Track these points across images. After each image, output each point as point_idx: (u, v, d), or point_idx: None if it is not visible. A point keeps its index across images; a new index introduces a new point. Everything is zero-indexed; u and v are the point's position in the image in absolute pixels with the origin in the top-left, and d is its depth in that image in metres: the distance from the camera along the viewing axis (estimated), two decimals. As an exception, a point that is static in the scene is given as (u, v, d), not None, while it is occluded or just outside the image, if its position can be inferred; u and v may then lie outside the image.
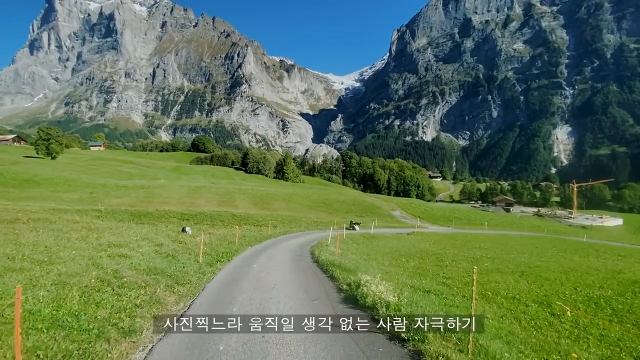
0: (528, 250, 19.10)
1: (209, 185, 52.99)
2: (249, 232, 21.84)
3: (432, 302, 6.13)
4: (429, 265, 10.86)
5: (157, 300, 6.63)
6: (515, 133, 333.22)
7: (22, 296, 5.19)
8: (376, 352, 4.89)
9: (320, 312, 6.69)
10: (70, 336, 4.43)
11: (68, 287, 6.28)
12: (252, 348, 4.98)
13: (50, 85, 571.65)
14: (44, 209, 19.06)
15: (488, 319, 5.77)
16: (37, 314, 4.95)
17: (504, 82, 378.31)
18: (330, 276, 9.83)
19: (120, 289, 6.67)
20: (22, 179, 33.99)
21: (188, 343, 5.05)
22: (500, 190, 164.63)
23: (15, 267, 7.44)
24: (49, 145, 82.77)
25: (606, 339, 5.86)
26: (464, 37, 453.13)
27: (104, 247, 10.85)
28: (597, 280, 10.40)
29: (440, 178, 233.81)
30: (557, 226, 75.85)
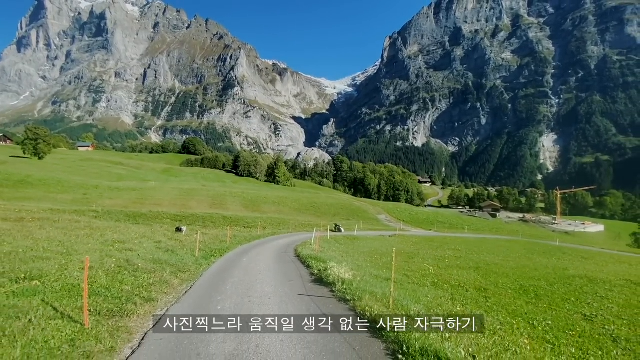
0: (495, 252, 20.27)
1: (200, 188, 53.17)
2: (240, 233, 22.52)
3: (380, 282, 7.51)
4: (398, 262, 11.83)
5: (166, 282, 8.07)
6: (503, 140, 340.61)
7: (60, 273, 6.82)
8: (328, 307, 6.98)
9: (293, 288, 8.70)
10: (107, 301, 5.97)
11: (94, 270, 7.55)
12: (241, 306, 6.92)
13: (38, 84, 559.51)
14: (42, 209, 19.32)
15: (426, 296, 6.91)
16: (78, 287, 6.42)
17: (493, 90, 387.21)
18: (306, 265, 11.60)
19: (136, 273, 8.08)
20: (16, 180, 33.75)
21: (193, 304, 6.76)
22: (487, 196, 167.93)
23: (43, 257, 8.52)
24: (37, 145, 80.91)
25: (504, 304, 7.18)
26: (454, 46, 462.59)
27: (110, 242, 11.57)
28: (540, 275, 11.62)
29: (429, 183, 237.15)
30: (540, 231, 78.09)
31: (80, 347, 3.89)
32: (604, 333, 5.78)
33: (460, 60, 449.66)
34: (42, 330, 4.10)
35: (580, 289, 9.57)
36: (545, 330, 5.64)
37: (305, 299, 7.55)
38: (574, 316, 6.68)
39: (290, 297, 7.70)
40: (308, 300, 7.49)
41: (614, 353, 4.83)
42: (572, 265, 15.51)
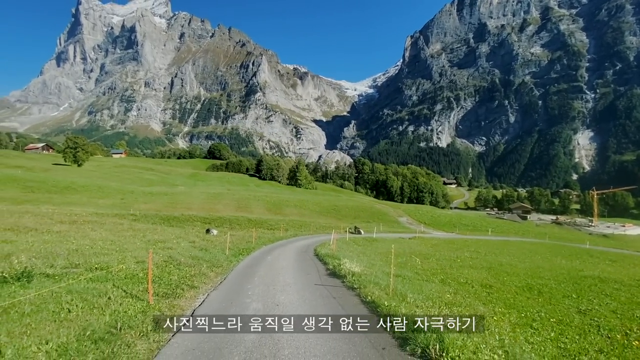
0: (515, 254, 20.08)
1: (226, 192, 55.57)
2: (264, 234, 23.90)
3: (388, 277, 8.58)
4: (414, 262, 12.49)
5: (204, 274, 9.50)
6: (534, 138, 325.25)
7: (121, 265, 8.40)
8: (337, 293, 8.29)
9: (310, 279, 10.10)
10: (161, 286, 7.30)
11: (146, 264, 8.88)
12: (267, 292, 8.17)
13: (75, 95, 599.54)
14: (89, 213, 21.64)
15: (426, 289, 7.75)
16: (137, 276, 7.95)
17: (521, 86, 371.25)
18: (323, 262, 12.96)
19: (179, 266, 9.55)
20: (62, 186, 37.35)
21: (228, 291, 8.26)
22: (517, 197, 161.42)
23: (102, 253, 10.13)
24: (76, 153, 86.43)
25: (503, 299, 7.78)
26: (479, 42, 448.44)
27: (153, 242, 13.18)
28: (551, 275, 11.76)
29: (455, 185, 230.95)
30: (574, 234, 74.44)
31: (146, 319, 5.10)
32: (591, 324, 6.22)
33: (486, 57, 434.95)
34: (120, 304, 5.44)
35: (588, 288, 9.79)
36: (533, 319, 6.21)
37: (319, 287, 9.02)
38: (569, 310, 7.15)
39: (307, 285, 9.19)
40: (322, 288, 8.95)
41: (590, 338, 5.36)
42: (591, 267, 15.37)
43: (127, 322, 4.79)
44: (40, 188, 35.19)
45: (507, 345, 4.33)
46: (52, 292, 5.45)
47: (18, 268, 6.55)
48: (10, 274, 6.22)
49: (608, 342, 5.28)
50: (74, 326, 4.37)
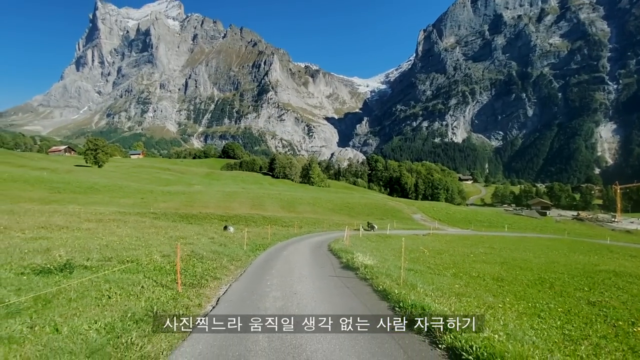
0: (531, 249, 19.82)
1: (241, 191, 56.67)
2: (278, 231, 24.51)
3: (399, 270, 9.01)
4: (426, 257, 12.68)
5: (225, 267, 10.20)
6: (554, 132, 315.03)
7: (149, 258, 9.08)
8: (352, 283, 8.85)
9: (325, 271, 10.69)
10: (187, 277, 7.90)
11: (171, 257, 9.73)
12: (284, 282, 8.77)
13: (94, 99, 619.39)
14: (112, 212, 22.81)
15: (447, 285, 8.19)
16: (164, 268, 8.60)
17: (540, 78, 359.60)
18: (337, 257, 13.50)
19: (202, 260, 10.19)
20: (86, 187, 39.23)
21: (249, 282, 8.84)
22: (535, 192, 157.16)
23: (130, 247, 10.86)
24: (97, 155, 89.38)
25: (514, 291, 7.98)
26: (494, 34, 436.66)
27: (175, 238, 13.92)
28: (566, 269, 11.69)
29: (471, 181, 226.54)
30: (596, 230, 71.98)
31: (180, 302, 5.67)
32: (599, 314, 6.33)
33: (502, 49, 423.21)
34: (152, 292, 5.99)
35: (601, 282, 9.75)
36: (542, 309, 6.36)
37: (333, 278, 9.61)
38: (579, 301, 7.24)
39: (322, 277, 9.80)
40: (336, 279, 9.50)
41: (596, 327, 5.49)
42: (609, 262, 15.12)
43: (162, 306, 5.33)
44: (66, 189, 37.03)
45: (510, 329, 4.58)
46: (92, 281, 6.05)
47: (60, 261, 7.28)
48: (53, 265, 6.94)
49: (613, 330, 5.42)
50: (116, 309, 4.94)
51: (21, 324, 4.07)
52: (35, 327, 4.00)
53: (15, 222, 14.33)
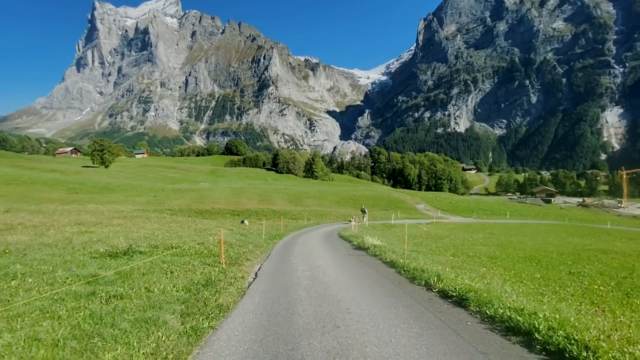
0: (530, 234, 20.88)
1: (247, 186, 58.07)
2: (289, 223, 25.92)
3: (403, 249, 10.41)
4: (428, 242, 13.90)
5: (251, 251, 11.41)
6: (558, 118, 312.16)
7: (186, 246, 10.06)
8: (364, 258, 10.19)
9: (340, 252, 12.10)
10: (226, 258, 9.00)
11: (205, 244, 10.93)
12: (306, 262, 9.90)
13: (96, 99, 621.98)
14: (132, 210, 24.23)
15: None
16: (203, 252, 9.79)
17: (543, 64, 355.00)
18: (348, 241, 14.96)
19: (232, 246, 11.49)
20: (101, 187, 40.83)
21: (277, 260, 10.20)
22: (540, 180, 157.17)
23: (166, 238, 11.96)
24: (103, 156, 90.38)
25: (504, 265, 9.18)
26: (496, 21, 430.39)
27: (199, 230, 15.24)
28: (557, 249, 12.86)
29: (474, 170, 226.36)
30: (601, 216, 72.61)
31: (227, 275, 6.96)
32: (575, 280, 7.42)
33: (504, 35, 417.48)
34: (203, 269, 7.26)
35: (587, 258, 10.77)
36: (524, 277, 7.47)
37: (348, 256, 11.01)
38: (560, 272, 8.31)
39: (338, 255, 11.20)
40: (350, 256, 10.87)
41: (568, 288, 6.59)
42: (602, 244, 16.13)
43: (215, 278, 6.58)
44: (82, 189, 38.58)
45: (489, 283, 5.78)
46: (151, 262, 7.28)
47: (121, 247, 8.57)
48: (117, 250, 8.24)
49: (580, 288, 6.52)
50: (181, 280, 6.18)
51: (122, 288, 5.30)
52: (133, 289, 5.26)
53: (53, 220, 15.68)
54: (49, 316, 3.98)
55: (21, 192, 35.91)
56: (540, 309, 4.27)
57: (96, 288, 5.09)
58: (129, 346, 3.46)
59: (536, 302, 4.66)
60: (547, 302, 4.75)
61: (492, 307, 4.63)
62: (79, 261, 6.93)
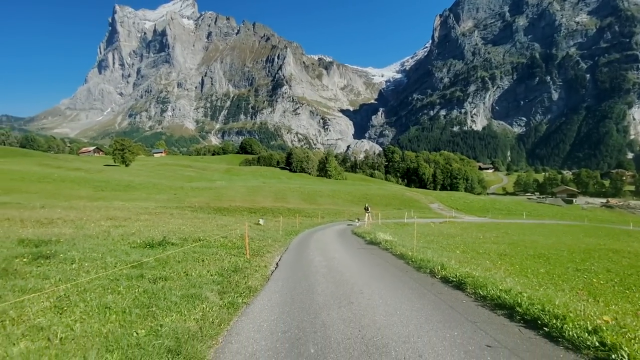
0: (545, 234, 20.69)
1: (262, 185, 59.33)
2: (303, 221, 26.70)
3: (412, 244, 10.98)
4: (439, 239, 14.28)
5: (271, 245, 12.22)
6: (581, 116, 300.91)
7: (211, 239, 10.60)
8: (376, 251, 11.04)
9: (353, 246, 12.80)
10: (254, 247, 10.15)
11: (229, 238, 11.83)
12: (322, 254, 10.55)
13: (116, 100, 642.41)
14: (154, 207, 25.62)
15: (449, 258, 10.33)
16: (227, 245, 10.62)
17: (566, 60, 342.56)
18: (361, 237, 15.77)
19: (253, 240, 12.21)
20: (124, 185, 42.92)
21: (295, 253, 10.99)
22: (561, 180, 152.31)
23: (192, 232, 12.78)
24: (123, 155, 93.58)
25: (512, 262, 9.44)
26: (515, 15, 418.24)
27: (221, 226, 16.16)
28: (569, 248, 12.99)
29: (492, 169, 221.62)
30: (627, 218, 69.98)
31: (252, 265, 7.69)
32: (580, 276, 7.64)
33: (524, 30, 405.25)
34: (230, 258, 8.03)
35: (597, 257, 10.85)
36: (529, 272, 7.80)
37: (360, 250, 11.82)
38: (567, 269, 8.55)
39: (351, 249, 12.03)
40: (363, 250, 11.68)
41: (571, 283, 6.90)
42: (617, 244, 15.98)
43: (242, 266, 7.34)
44: (107, 187, 40.65)
45: (490, 274, 6.28)
46: (184, 251, 8.09)
47: (156, 239, 9.49)
48: (153, 242, 9.15)
49: (581, 283, 6.85)
50: (212, 266, 6.96)
51: (164, 272, 6.09)
52: (174, 273, 6.05)
53: (86, 215, 16.95)
54: (110, 291, 4.79)
55: (52, 189, 38.15)
56: (525, 292, 4.84)
57: (142, 271, 5.90)
58: (181, 314, 4.26)
59: (532, 290, 5.12)
60: (543, 291, 5.19)
61: (486, 289, 5.36)
62: (122, 250, 7.82)
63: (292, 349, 3.59)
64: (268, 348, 3.60)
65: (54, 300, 4.30)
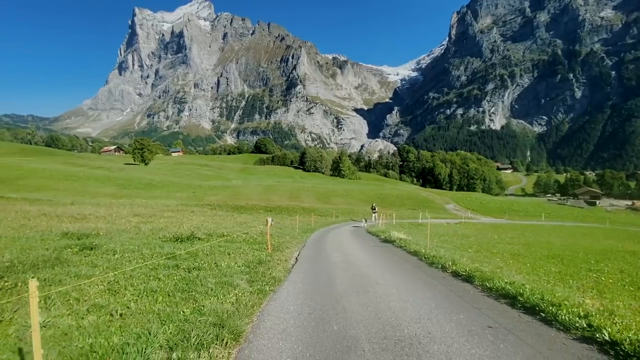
0: (562, 235, 20.34)
1: (277, 184, 60.27)
2: (318, 220, 27.32)
3: (425, 243, 11.38)
4: (453, 239, 14.43)
5: (289, 241, 12.91)
6: (606, 115, 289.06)
7: (234, 234, 11.27)
8: (390, 249, 11.52)
9: (368, 244, 13.31)
10: (273, 243, 10.63)
11: (250, 234, 12.65)
12: (338, 251, 11.08)
13: (135, 100, 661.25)
14: (176, 205, 26.77)
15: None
16: (249, 240, 11.28)
17: (590, 56, 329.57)
18: (376, 235, 16.28)
19: (273, 237, 12.63)
20: (145, 183, 44.70)
21: (313, 249, 11.48)
22: (584, 181, 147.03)
23: (214, 228, 13.43)
24: (143, 154, 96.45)
25: (524, 262, 9.55)
26: (536, 11, 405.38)
27: (240, 223, 16.87)
28: (585, 249, 12.93)
29: (510, 170, 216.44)
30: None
31: (274, 258, 8.27)
32: (592, 276, 7.72)
33: (546, 26, 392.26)
34: (253, 252, 8.63)
35: (613, 258, 10.75)
36: (540, 270, 7.96)
37: (375, 247, 12.25)
38: (580, 269, 8.62)
39: (366, 247, 12.51)
40: (377, 248, 12.11)
41: (582, 282, 7.05)
42: (635, 246, 15.65)
43: (265, 259, 7.94)
44: (130, 185, 42.41)
45: (500, 270, 6.60)
46: (210, 245, 8.74)
47: (185, 234, 10.22)
48: (182, 236, 9.89)
49: (592, 282, 7.00)
50: (238, 259, 7.57)
51: (196, 263, 6.74)
52: (205, 264, 6.68)
53: (114, 211, 18.00)
54: (153, 278, 5.43)
55: (78, 187, 40.14)
56: (529, 284, 5.22)
57: (177, 262, 6.54)
58: (217, 298, 4.88)
59: (539, 286, 5.42)
60: (550, 286, 5.48)
61: (492, 282, 5.82)
62: (154, 243, 8.52)
63: (318, 326, 4.16)
64: (297, 325, 4.18)
65: (106, 285, 4.95)
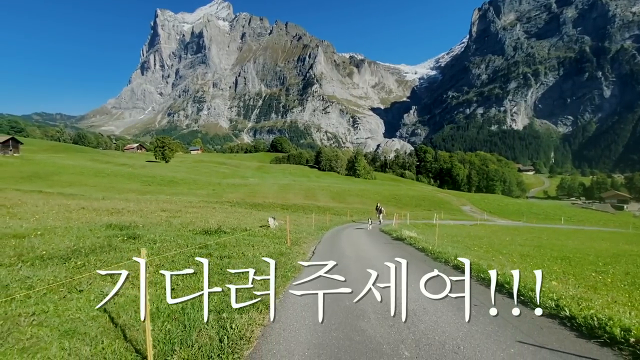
0: (579, 239, 20.02)
1: (293, 183, 61.42)
2: (332, 218, 28.08)
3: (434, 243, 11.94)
4: (466, 240, 14.79)
5: (305, 237, 13.86)
6: (637, 115, 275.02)
7: (254, 229, 11.96)
8: (401, 246, 12.47)
9: (381, 242, 14.02)
10: (291, 239, 11.23)
11: (268, 229, 13.58)
12: (352, 248, 11.61)
13: (157, 100, 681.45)
14: (197, 201, 28.27)
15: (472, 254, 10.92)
16: (269, 235, 12.19)
17: (620, 54, 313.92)
18: (388, 234, 17.12)
19: (292, 233, 13.32)
20: (167, 180, 46.89)
21: (328, 245, 12.32)
22: (611, 184, 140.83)
23: (236, 224, 14.42)
24: (164, 152, 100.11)
25: (532, 262, 9.75)
26: (563, 7, 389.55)
27: (259, 219, 17.91)
28: (596, 252, 12.96)
29: (532, 172, 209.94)
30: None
31: (293, 250, 9.10)
32: (597, 277, 8.02)
33: (573, 22, 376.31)
34: (274, 245, 9.51)
35: (623, 261, 10.77)
36: (544, 270, 8.29)
37: (387, 244, 13.29)
38: (587, 270, 8.83)
39: (379, 244, 13.44)
40: (389, 245, 13.16)
41: (583, 281, 7.36)
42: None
43: (285, 251, 8.76)
44: (153, 182, 44.57)
45: (501, 267, 7.08)
46: (235, 238, 9.67)
47: (212, 228, 11.25)
48: (210, 230, 10.91)
49: (593, 281, 7.32)
50: (262, 250, 8.43)
51: (225, 252, 7.65)
52: (233, 253, 7.57)
53: (143, 207, 19.37)
54: (191, 263, 6.31)
55: (106, 183, 42.55)
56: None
57: (209, 251, 7.45)
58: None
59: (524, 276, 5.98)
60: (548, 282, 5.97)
61: (486, 273, 6.27)
62: (186, 235, 9.53)
63: (333, 303, 4.93)
64: (314, 302, 4.92)
65: (154, 267, 5.87)
